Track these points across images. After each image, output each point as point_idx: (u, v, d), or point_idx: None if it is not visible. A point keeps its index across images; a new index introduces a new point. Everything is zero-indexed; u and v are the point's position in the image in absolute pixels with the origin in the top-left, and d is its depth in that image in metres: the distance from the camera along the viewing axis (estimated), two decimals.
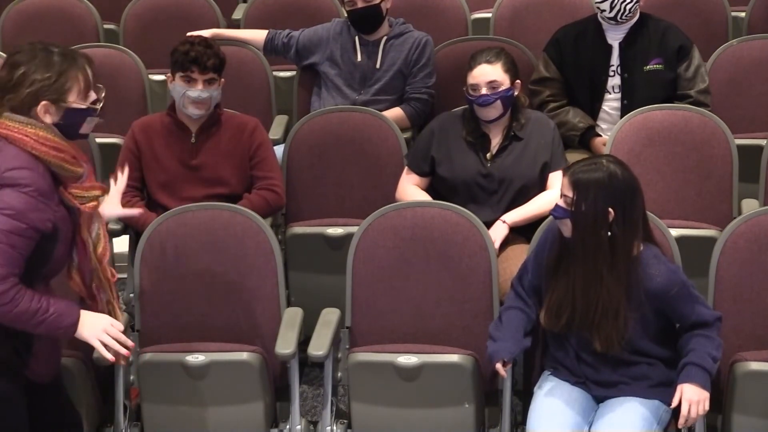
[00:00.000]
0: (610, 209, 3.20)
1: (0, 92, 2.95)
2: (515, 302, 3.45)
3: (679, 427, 3.27)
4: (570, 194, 3.23)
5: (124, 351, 3.07)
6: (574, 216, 3.22)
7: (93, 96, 3.03)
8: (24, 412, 3.06)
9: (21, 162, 2.88)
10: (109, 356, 3.05)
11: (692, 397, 3.22)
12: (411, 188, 4.12)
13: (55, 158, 2.93)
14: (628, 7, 4.42)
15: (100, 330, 3.02)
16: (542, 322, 3.36)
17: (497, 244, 3.83)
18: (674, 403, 3.24)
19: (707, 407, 3.24)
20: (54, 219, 2.93)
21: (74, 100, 2.97)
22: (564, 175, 3.29)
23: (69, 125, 2.98)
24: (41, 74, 2.94)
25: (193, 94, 4.06)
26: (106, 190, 3.17)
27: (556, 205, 3.28)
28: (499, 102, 4.01)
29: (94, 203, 3.05)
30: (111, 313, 3.16)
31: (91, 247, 3.11)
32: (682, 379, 3.25)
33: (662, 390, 3.32)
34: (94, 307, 3.15)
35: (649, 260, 3.27)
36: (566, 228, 3.27)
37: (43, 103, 2.93)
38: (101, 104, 3.05)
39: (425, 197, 4.04)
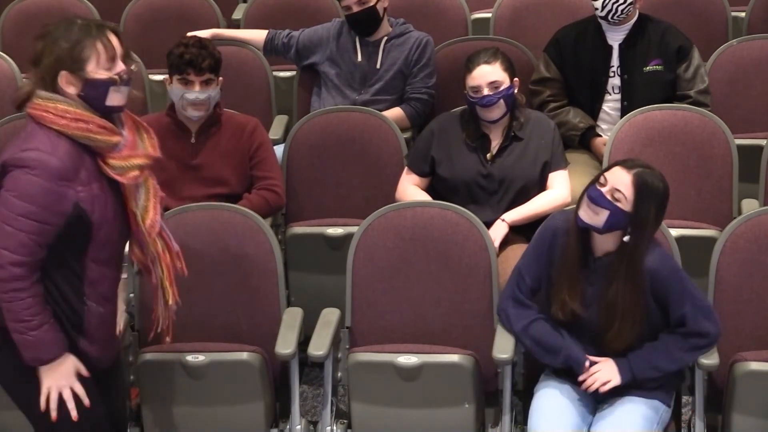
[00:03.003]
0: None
1: (33, 66, 2.93)
2: (530, 314, 3.41)
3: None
4: (629, 193, 3.20)
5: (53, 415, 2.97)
6: (629, 217, 3.21)
7: (120, 68, 2.96)
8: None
9: (36, 143, 2.84)
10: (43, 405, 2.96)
11: (602, 377, 3.26)
12: (411, 188, 4.12)
13: (78, 130, 2.88)
14: (620, 8, 4.41)
15: (56, 384, 2.96)
16: (556, 314, 3.34)
17: (497, 243, 3.83)
18: (586, 368, 3.27)
19: (605, 390, 3.27)
20: (78, 200, 2.87)
21: (93, 70, 2.91)
22: (624, 170, 3.23)
23: (92, 97, 2.92)
24: (59, 44, 2.91)
25: (190, 96, 4.06)
26: (150, 157, 3.05)
27: (601, 193, 3.22)
28: (502, 101, 4.01)
29: (135, 173, 2.97)
30: (162, 292, 3.13)
31: (140, 219, 3.02)
32: (618, 359, 3.28)
33: (662, 390, 3.32)
34: (149, 281, 3.13)
35: None
36: (594, 216, 3.22)
37: (62, 73, 2.89)
38: (127, 75, 2.97)
39: (425, 197, 4.04)
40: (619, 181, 3.22)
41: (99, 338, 3.05)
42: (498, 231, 3.92)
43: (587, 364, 3.29)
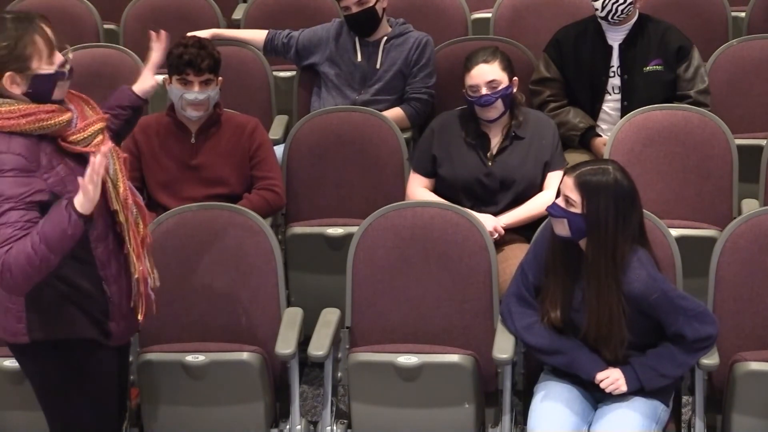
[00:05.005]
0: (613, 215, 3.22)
1: None
2: (532, 314, 3.41)
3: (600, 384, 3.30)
4: (575, 196, 3.23)
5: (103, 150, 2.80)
6: (584, 219, 3.23)
7: (59, 58, 2.92)
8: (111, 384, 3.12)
9: None
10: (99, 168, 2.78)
11: (615, 384, 3.27)
12: (419, 191, 4.11)
13: (29, 124, 2.83)
14: (620, 8, 4.41)
15: (85, 182, 2.78)
16: (551, 321, 3.35)
17: (490, 228, 3.81)
18: (601, 376, 3.28)
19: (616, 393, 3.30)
20: (48, 186, 2.84)
21: (38, 66, 2.86)
22: (568, 175, 3.29)
23: (39, 93, 2.87)
24: None
25: (189, 97, 4.06)
26: (104, 120, 3.01)
27: (555, 204, 3.29)
28: (500, 101, 4.01)
29: (99, 139, 2.94)
30: (128, 264, 3.07)
31: (111, 186, 2.98)
32: (625, 368, 3.29)
33: (660, 390, 3.32)
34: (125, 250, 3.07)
35: (632, 263, 3.27)
36: (561, 227, 3.27)
37: (8, 74, 2.83)
38: (69, 66, 2.93)
39: (436, 200, 4.01)
40: (566, 187, 3.26)
41: (122, 316, 3.09)
42: (489, 221, 3.91)
43: (599, 375, 3.30)
